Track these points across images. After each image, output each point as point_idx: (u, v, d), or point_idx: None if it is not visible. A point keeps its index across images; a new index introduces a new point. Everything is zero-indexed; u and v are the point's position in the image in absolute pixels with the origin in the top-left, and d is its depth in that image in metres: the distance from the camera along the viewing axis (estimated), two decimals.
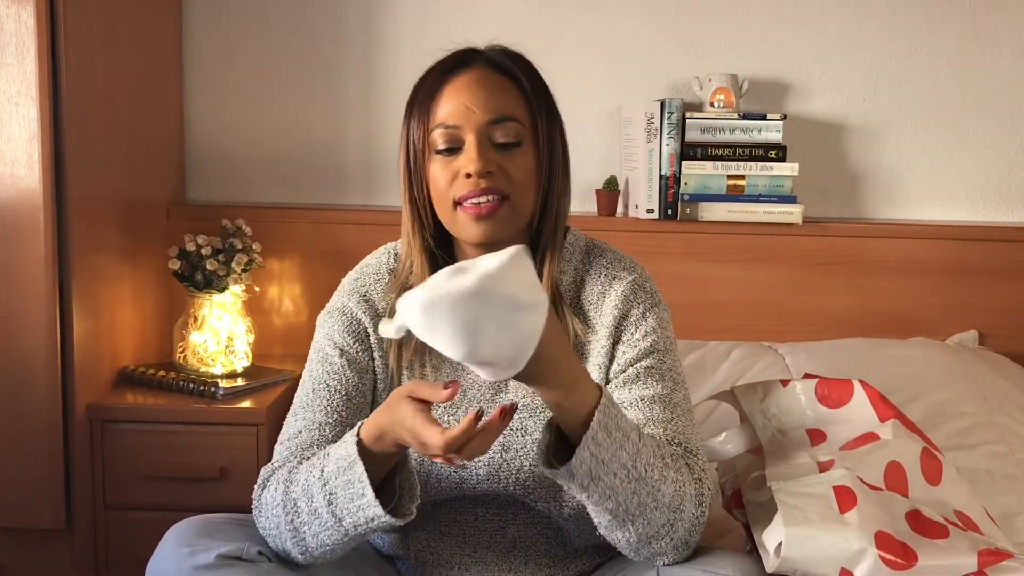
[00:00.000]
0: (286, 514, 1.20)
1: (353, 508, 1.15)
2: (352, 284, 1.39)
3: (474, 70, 1.28)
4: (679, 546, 1.19)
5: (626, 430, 1.13)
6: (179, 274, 2.10)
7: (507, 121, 1.26)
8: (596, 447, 1.10)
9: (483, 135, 1.25)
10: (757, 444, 1.47)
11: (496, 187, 1.24)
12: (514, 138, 1.26)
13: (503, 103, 1.27)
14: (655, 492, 1.15)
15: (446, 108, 1.26)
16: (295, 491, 1.20)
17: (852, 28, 2.38)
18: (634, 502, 1.14)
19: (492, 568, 1.34)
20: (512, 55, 1.32)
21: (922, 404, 1.93)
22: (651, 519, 1.16)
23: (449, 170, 1.26)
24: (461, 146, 1.26)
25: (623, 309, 1.32)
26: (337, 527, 1.17)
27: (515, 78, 1.29)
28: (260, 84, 2.41)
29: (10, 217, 1.83)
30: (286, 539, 1.21)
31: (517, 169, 1.26)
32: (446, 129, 1.26)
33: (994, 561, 1.23)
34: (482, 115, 1.25)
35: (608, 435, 1.11)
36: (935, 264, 2.33)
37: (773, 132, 2.28)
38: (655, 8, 2.38)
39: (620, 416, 1.14)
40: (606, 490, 1.13)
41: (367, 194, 2.44)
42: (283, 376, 2.15)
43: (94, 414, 1.96)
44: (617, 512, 1.15)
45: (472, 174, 1.23)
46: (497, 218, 1.26)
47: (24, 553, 1.95)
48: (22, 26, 1.78)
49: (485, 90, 1.26)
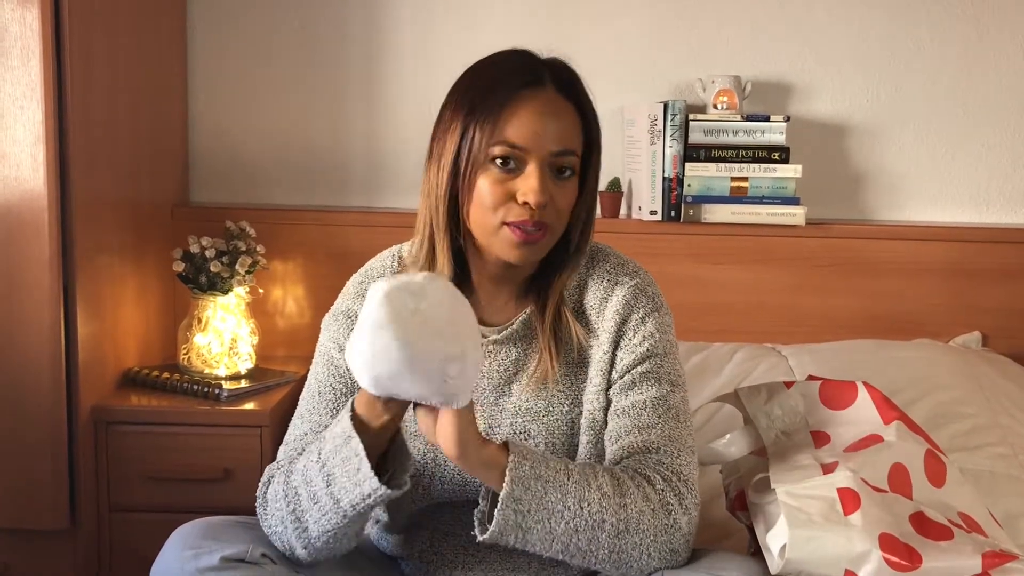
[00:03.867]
0: (287, 504, 1.21)
1: (350, 485, 1.15)
2: (357, 288, 1.39)
3: (545, 92, 1.26)
4: (664, 555, 1.19)
5: (546, 477, 1.16)
6: (183, 276, 2.10)
7: (568, 155, 1.26)
8: (516, 504, 1.14)
9: (545, 165, 1.25)
10: (761, 446, 1.47)
11: (546, 221, 1.25)
12: (569, 171, 1.27)
13: (569, 136, 1.26)
14: (600, 524, 1.16)
15: (517, 129, 1.24)
16: (295, 479, 1.21)
17: (855, 30, 2.38)
18: (581, 540, 1.16)
19: (495, 568, 1.34)
20: (576, 80, 1.30)
21: (925, 406, 1.93)
22: (612, 548, 1.17)
23: (503, 188, 1.24)
24: (520, 167, 1.25)
25: (623, 314, 1.32)
26: (336, 509, 1.17)
27: (580, 106, 1.29)
28: (264, 86, 2.42)
29: (15, 219, 1.83)
30: (290, 533, 1.21)
31: (563, 200, 1.27)
32: (512, 148, 1.24)
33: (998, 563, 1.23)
34: (550, 145, 1.24)
35: (526, 489, 1.14)
36: (938, 265, 2.33)
37: (776, 134, 2.28)
38: (658, 10, 2.38)
39: (538, 465, 1.16)
40: (544, 538, 1.16)
41: (370, 196, 2.44)
42: (287, 378, 2.15)
43: (98, 415, 1.96)
44: (569, 553, 1.17)
45: (532, 204, 1.23)
46: (538, 247, 1.27)
47: (28, 554, 1.95)
48: (27, 29, 1.78)
49: (556, 119, 1.25)
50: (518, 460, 1.15)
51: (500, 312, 1.36)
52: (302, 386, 1.39)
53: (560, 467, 1.18)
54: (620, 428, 1.27)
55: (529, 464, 1.15)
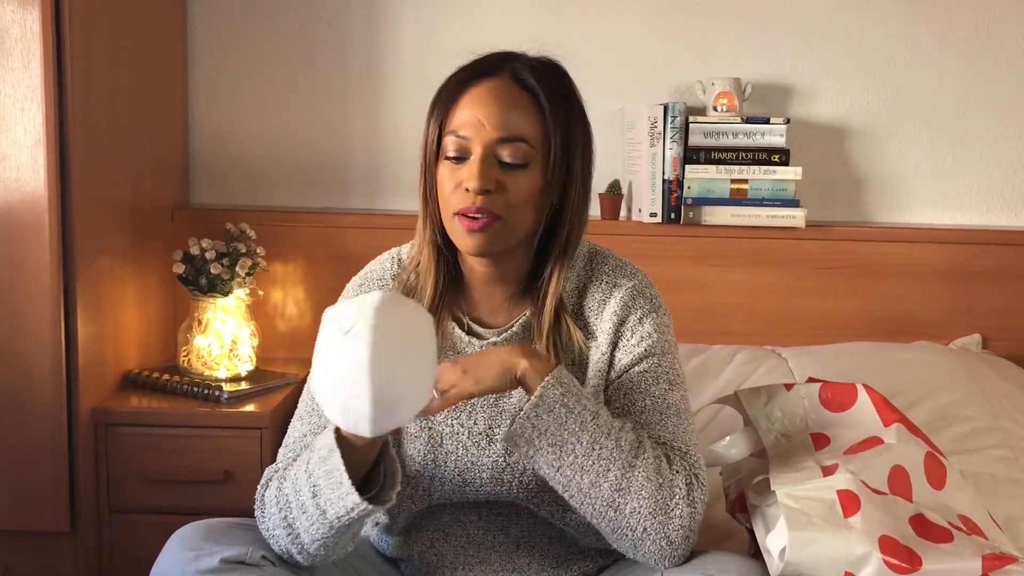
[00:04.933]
0: (280, 511, 1.22)
1: (334, 499, 1.16)
2: (357, 290, 1.40)
3: (495, 81, 1.27)
4: (659, 540, 1.18)
5: (572, 407, 1.18)
6: (183, 278, 2.10)
7: (516, 142, 1.25)
8: (536, 419, 1.17)
9: (490, 152, 1.25)
10: (761, 448, 1.47)
11: (489, 208, 1.24)
12: (521, 160, 1.25)
13: (517, 122, 1.25)
14: (604, 471, 1.17)
15: (461, 116, 1.26)
16: (287, 488, 1.22)
17: (855, 32, 2.38)
18: (584, 480, 1.18)
19: (495, 568, 1.34)
20: (540, 70, 1.29)
21: (926, 408, 1.93)
22: (610, 502, 1.17)
23: (453, 178, 1.26)
24: (469, 156, 1.25)
25: (621, 316, 1.32)
26: (322, 520, 1.18)
27: (535, 96, 1.27)
28: (264, 88, 2.42)
29: (15, 221, 1.83)
30: (284, 538, 1.22)
31: (517, 190, 1.25)
32: (457, 138, 1.26)
33: (999, 565, 1.23)
34: (492, 131, 1.24)
35: (549, 409, 1.17)
36: (938, 268, 2.33)
37: (776, 136, 2.28)
38: (658, 12, 2.38)
39: (568, 395, 1.18)
40: (551, 462, 1.18)
41: (371, 198, 2.44)
42: (287, 380, 2.15)
43: (98, 417, 1.96)
44: (570, 489, 1.19)
45: (471, 190, 1.24)
46: (488, 234, 1.26)
47: (28, 556, 1.95)
48: (27, 31, 1.79)
49: (501, 105, 1.25)
50: (553, 382, 1.18)
51: (498, 313, 1.36)
52: (302, 388, 1.39)
53: (590, 407, 1.20)
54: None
55: (561, 390, 1.18)
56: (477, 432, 1.31)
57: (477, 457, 1.30)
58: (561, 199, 1.31)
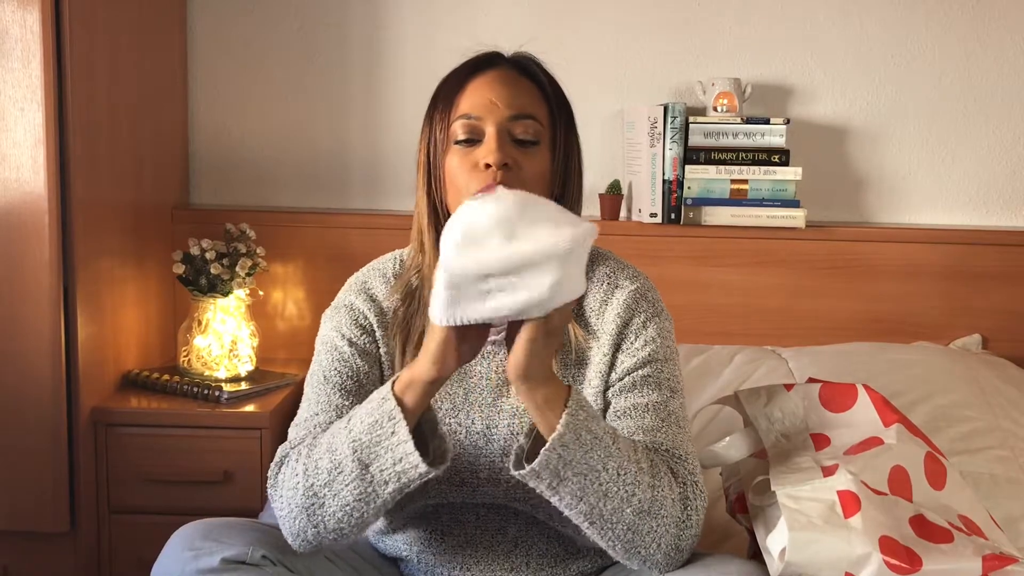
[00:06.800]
0: (306, 479, 1.18)
1: (381, 450, 1.14)
2: (359, 284, 1.40)
3: (499, 69, 1.32)
4: (670, 552, 1.18)
5: (597, 433, 1.14)
6: (183, 278, 2.10)
7: (528, 119, 1.28)
8: (563, 449, 1.12)
9: (504, 129, 1.27)
10: (761, 448, 1.47)
11: (510, 182, 1.24)
12: (533, 136, 1.28)
13: (526, 101, 1.29)
14: (629, 496, 1.15)
15: (470, 100, 1.29)
16: (317, 453, 1.19)
17: (855, 32, 2.38)
18: (607, 507, 1.15)
19: (493, 568, 1.34)
20: (535, 61, 1.35)
21: (925, 408, 1.93)
22: (631, 524, 1.16)
23: (468, 160, 1.27)
24: (481, 138, 1.27)
25: (624, 318, 1.32)
26: (363, 476, 1.15)
27: (538, 81, 1.33)
28: (264, 88, 2.42)
29: (15, 221, 1.84)
30: (302, 512, 1.19)
31: (532, 167, 1.28)
32: (468, 120, 1.28)
33: (999, 566, 1.23)
34: (505, 109, 1.27)
35: (576, 437, 1.12)
36: (938, 268, 2.33)
37: (776, 136, 2.28)
38: (658, 12, 2.38)
39: (591, 419, 1.14)
40: (575, 492, 1.14)
41: (371, 198, 2.44)
42: (287, 380, 2.15)
43: (98, 418, 1.96)
44: (592, 516, 1.16)
45: (491, 164, 1.25)
46: None
47: (28, 556, 1.95)
48: (27, 31, 1.79)
49: (509, 87, 1.29)
50: (576, 408, 1.13)
51: None
52: (302, 388, 1.38)
53: (609, 429, 1.17)
54: (623, 429, 1.27)
55: (585, 414, 1.14)
56: (475, 432, 1.31)
57: (475, 457, 1.30)
58: (562, 189, 1.33)
